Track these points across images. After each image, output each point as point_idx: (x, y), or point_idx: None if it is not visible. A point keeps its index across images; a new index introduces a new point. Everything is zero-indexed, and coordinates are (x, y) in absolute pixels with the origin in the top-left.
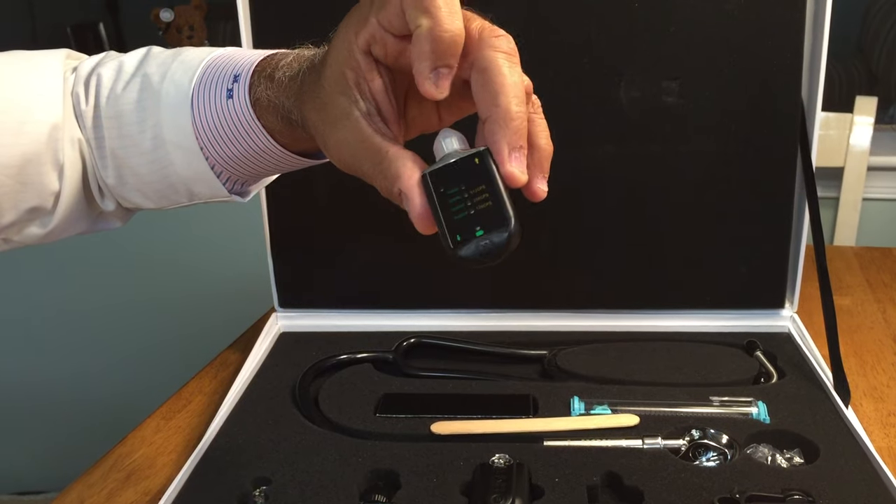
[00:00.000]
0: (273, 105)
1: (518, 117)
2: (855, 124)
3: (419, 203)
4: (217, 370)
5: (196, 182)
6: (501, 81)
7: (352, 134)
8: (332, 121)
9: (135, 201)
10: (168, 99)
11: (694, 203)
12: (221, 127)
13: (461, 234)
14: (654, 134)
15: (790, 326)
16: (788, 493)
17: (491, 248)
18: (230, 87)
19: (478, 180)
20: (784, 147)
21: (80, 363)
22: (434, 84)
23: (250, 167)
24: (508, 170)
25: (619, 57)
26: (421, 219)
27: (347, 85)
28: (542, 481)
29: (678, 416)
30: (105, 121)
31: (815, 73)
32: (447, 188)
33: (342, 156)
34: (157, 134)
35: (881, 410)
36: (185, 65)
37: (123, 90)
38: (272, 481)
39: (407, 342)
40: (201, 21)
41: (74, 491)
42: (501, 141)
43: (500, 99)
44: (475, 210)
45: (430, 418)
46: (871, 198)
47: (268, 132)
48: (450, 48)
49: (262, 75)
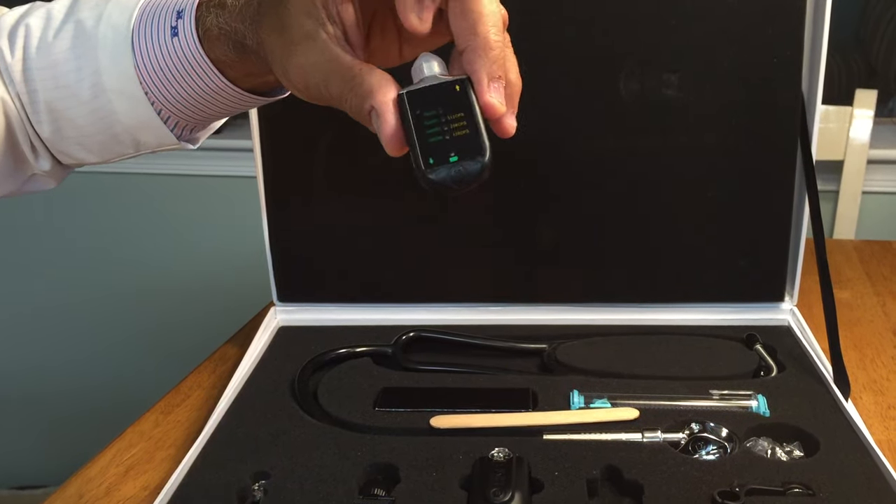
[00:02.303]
0: (224, 32)
1: (497, 46)
2: (855, 117)
3: (392, 121)
4: (216, 364)
5: (141, 130)
6: (480, 10)
7: (319, 55)
8: (295, 41)
9: (76, 156)
10: (106, 43)
11: (694, 196)
12: (167, 67)
13: (434, 158)
14: (653, 126)
15: (790, 319)
16: (788, 487)
17: (464, 175)
18: (174, 25)
19: (456, 107)
20: (784, 140)
21: (78, 357)
22: (419, 17)
23: (199, 109)
24: (487, 99)
25: (618, 49)
26: (392, 138)
27: (315, 6)
28: (541, 475)
29: (678, 409)
30: (37, 72)
31: (815, 65)
32: (424, 110)
33: (307, 78)
34: (97, 81)
35: (881, 403)
36: (120, 6)
37: (55, 38)
38: (271, 475)
39: (406, 336)
40: None
41: (73, 485)
42: (481, 70)
43: (479, 28)
44: (451, 136)
45: (430, 412)
46: (870, 191)
47: (217, 67)
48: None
49: (211, 4)
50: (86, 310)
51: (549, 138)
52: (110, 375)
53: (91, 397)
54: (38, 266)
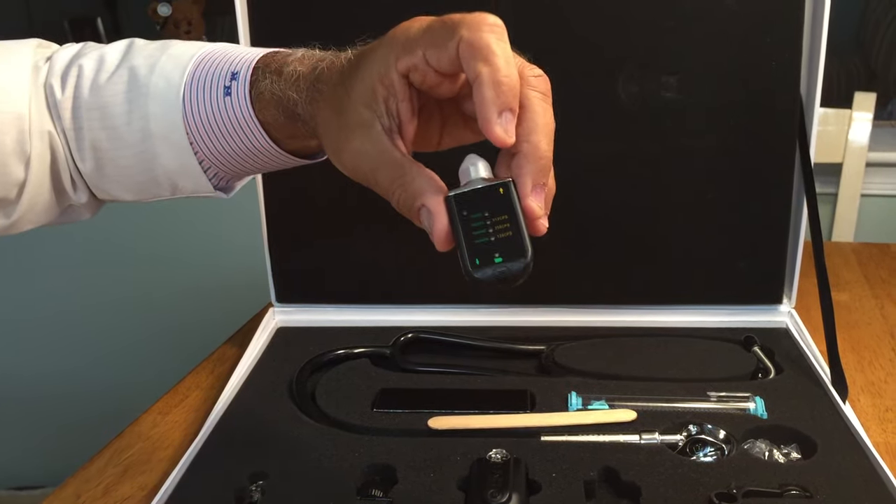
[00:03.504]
0: (276, 98)
1: (546, 156)
2: (853, 120)
3: (445, 223)
4: (214, 365)
5: (181, 176)
6: (537, 120)
7: (371, 145)
8: (350, 126)
9: (113, 193)
10: (157, 92)
11: (692, 198)
12: (216, 124)
13: (480, 258)
14: (652, 129)
15: (788, 322)
16: (785, 489)
17: (508, 275)
18: (227, 85)
19: (500, 209)
20: (782, 143)
21: (76, 358)
22: (503, 129)
23: (239, 164)
24: (529, 204)
25: (617, 52)
26: (443, 236)
27: (375, 99)
28: (539, 476)
29: (675, 411)
30: (86, 112)
31: (813, 68)
32: (470, 212)
33: (357, 162)
34: (145, 127)
35: (878, 406)
36: (174, 59)
37: (108, 81)
38: (269, 476)
39: (404, 337)
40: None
41: (71, 486)
42: (527, 175)
43: (532, 136)
44: (496, 237)
45: (428, 413)
46: (869, 194)
47: (265, 128)
48: (511, 92)
49: (268, 70)
50: (84, 311)
51: None
52: (109, 376)
53: (89, 397)
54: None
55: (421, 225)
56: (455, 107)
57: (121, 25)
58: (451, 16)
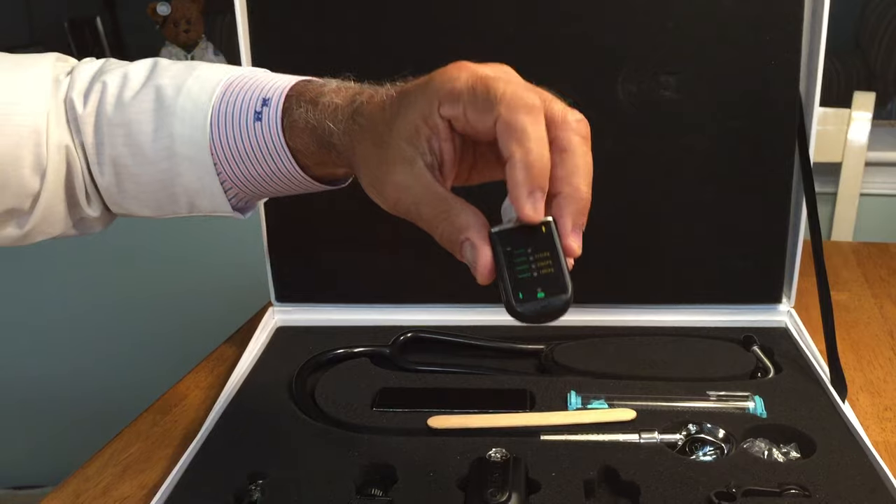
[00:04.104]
0: (312, 127)
1: (586, 198)
2: (853, 120)
3: (489, 258)
4: (214, 365)
5: (201, 195)
6: (578, 163)
7: (414, 180)
8: (391, 161)
9: (129, 209)
10: (184, 113)
11: (691, 197)
12: (244, 147)
13: (523, 293)
14: (651, 128)
15: (787, 321)
16: (785, 488)
17: (550, 310)
18: (258, 111)
19: (542, 247)
20: (782, 142)
21: (76, 357)
22: (533, 208)
23: (262, 187)
24: (569, 243)
25: (616, 52)
26: (487, 271)
27: (419, 137)
28: (538, 475)
29: (675, 410)
30: (108, 128)
31: (813, 68)
32: (514, 248)
33: (399, 196)
34: (169, 146)
35: (877, 405)
36: (201, 81)
37: (133, 99)
38: (268, 475)
39: (404, 336)
40: (198, 15)
41: (71, 485)
42: (568, 217)
43: (574, 179)
44: (538, 273)
45: (427, 412)
46: (868, 193)
47: (294, 153)
48: (541, 175)
49: (302, 99)
50: (82, 311)
51: None
52: (108, 375)
53: (89, 397)
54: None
55: (463, 258)
56: (488, 146)
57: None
58: (495, 82)
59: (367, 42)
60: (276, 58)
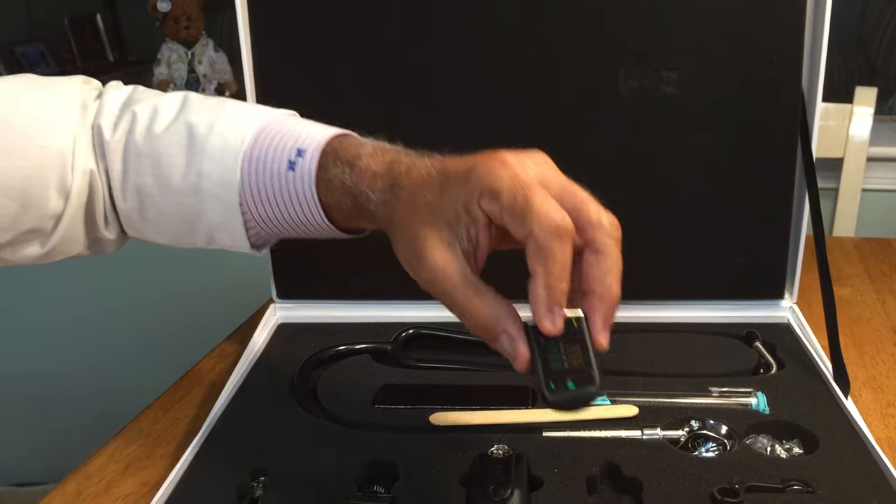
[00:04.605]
0: (348, 189)
1: (617, 297)
2: (854, 115)
3: (526, 350)
4: (215, 361)
5: (222, 231)
6: (610, 265)
7: (451, 265)
8: (430, 242)
9: (147, 235)
10: (214, 153)
11: (693, 193)
12: (272, 193)
13: (555, 383)
14: (653, 124)
15: (790, 317)
16: (787, 484)
17: (580, 401)
18: (292, 160)
19: (573, 340)
20: (784, 137)
21: (77, 354)
22: (552, 323)
23: (285, 229)
24: (598, 339)
25: (617, 46)
26: (524, 363)
27: (458, 224)
28: (540, 472)
29: (677, 406)
30: (135, 157)
31: (815, 63)
32: (547, 341)
33: (434, 278)
34: (197, 183)
35: (880, 401)
36: (233, 122)
37: (164, 132)
38: (270, 472)
39: (405, 333)
40: (198, 11)
41: (73, 482)
42: (598, 315)
43: (607, 279)
44: (569, 365)
45: (429, 409)
46: (870, 189)
47: (325, 208)
48: (561, 294)
49: (339, 160)
50: (83, 307)
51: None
52: (110, 372)
53: (90, 394)
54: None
55: (497, 348)
56: None
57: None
58: (533, 195)
59: (368, 38)
60: (277, 54)
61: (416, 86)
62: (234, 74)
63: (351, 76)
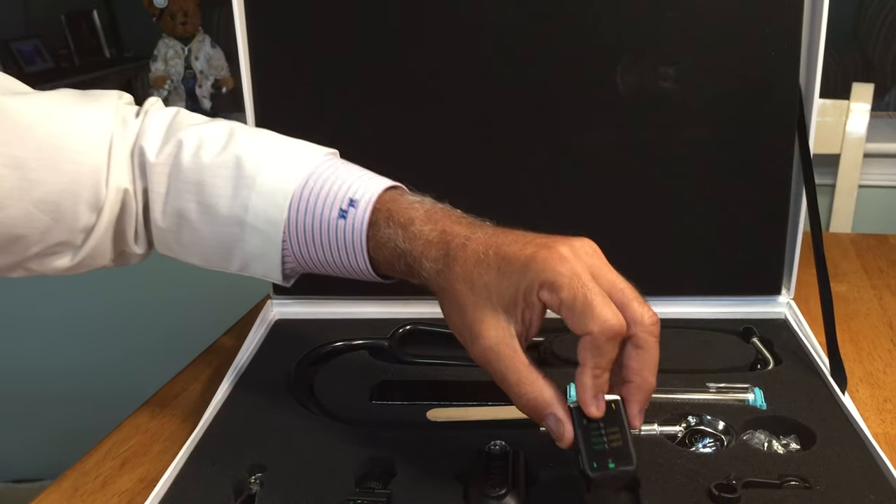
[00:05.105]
0: (399, 252)
1: (652, 387)
2: (851, 111)
3: (572, 431)
4: (212, 358)
5: (257, 262)
6: (648, 360)
7: (505, 347)
8: (487, 323)
9: (180, 256)
10: (263, 189)
11: (691, 189)
12: (319, 237)
13: (597, 462)
14: (651, 120)
15: (787, 313)
16: (785, 479)
17: (618, 478)
18: (344, 209)
19: (613, 422)
20: (781, 133)
21: (73, 351)
22: (597, 408)
23: (323, 269)
24: (635, 423)
25: (615, 42)
26: (569, 442)
27: (515, 308)
28: (538, 468)
29: (674, 402)
30: (179, 182)
31: (812, 59)
32: (590, 422)
33: (488, 357)
34: (241, 215)
35: (877, 396)
36: (282, 160)
37: (211, 162)
38: (267, 468)
39: (403, 329)
40: (195, 7)
41: (69, 478)
42: (635, 401)
43: (644, 372)
44: (609, 446)
45: (426, 405)
46: (867, 185)
47: (371, 261)
48: (605, 385)
49: (392, 221)
50: (81, 304)
51: (547, 132)
52: (106, 369)
53: (87, 390)
54: None
55: (545, 426)
56: None
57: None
58: (593, 298)
59: (366, 34)
60: (275, 49)
61: (415, 84)
62: (230, 70)
63: (349, 72)
